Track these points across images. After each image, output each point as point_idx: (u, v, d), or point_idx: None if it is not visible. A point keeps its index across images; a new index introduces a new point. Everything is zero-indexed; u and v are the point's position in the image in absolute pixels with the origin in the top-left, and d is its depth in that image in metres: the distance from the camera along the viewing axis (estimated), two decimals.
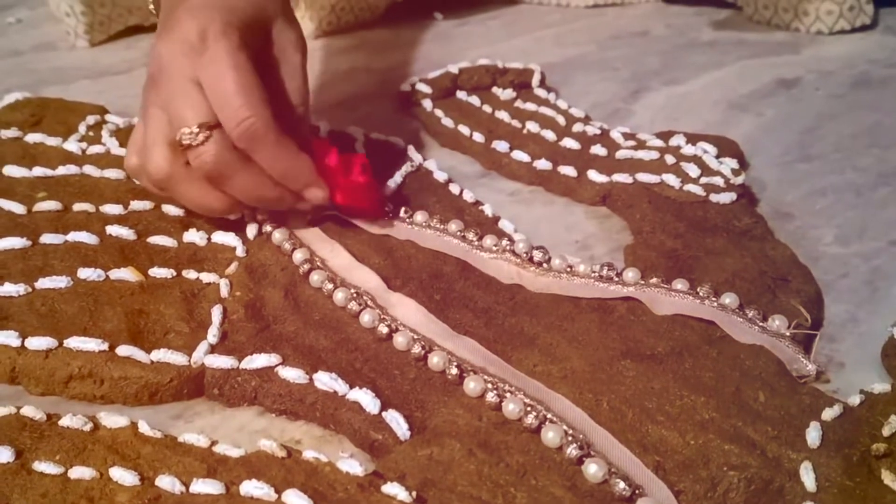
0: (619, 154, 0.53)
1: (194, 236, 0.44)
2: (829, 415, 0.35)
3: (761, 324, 0.40)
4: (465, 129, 0.57)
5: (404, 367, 0.38)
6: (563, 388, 0.36)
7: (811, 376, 0.38)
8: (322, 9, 0.73)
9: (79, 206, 0.46)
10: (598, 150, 0.54)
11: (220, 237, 0.45)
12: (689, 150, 0.53)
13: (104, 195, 0.47)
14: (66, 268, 0.41)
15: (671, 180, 0.50)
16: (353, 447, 0.35)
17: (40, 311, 0.39)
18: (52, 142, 0.52)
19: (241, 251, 0.44)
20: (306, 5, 0.73)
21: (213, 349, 0.38)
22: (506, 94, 0.61)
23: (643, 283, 0.42)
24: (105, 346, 0.37)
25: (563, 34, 0.76)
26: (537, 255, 0.44)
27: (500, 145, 0.55)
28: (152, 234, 0.44)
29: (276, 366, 0.37)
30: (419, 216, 0.46)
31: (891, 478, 0.32)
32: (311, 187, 0.43)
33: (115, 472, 0.31)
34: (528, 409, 0.35)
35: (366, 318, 0.40)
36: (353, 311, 0.40)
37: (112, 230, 0.44)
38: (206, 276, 0.42)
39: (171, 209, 0.46)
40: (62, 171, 0.49)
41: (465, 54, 0.67)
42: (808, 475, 0.32)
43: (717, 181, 0.50)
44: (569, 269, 0.43)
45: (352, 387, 0.36)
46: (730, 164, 0.52)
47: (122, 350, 0.37)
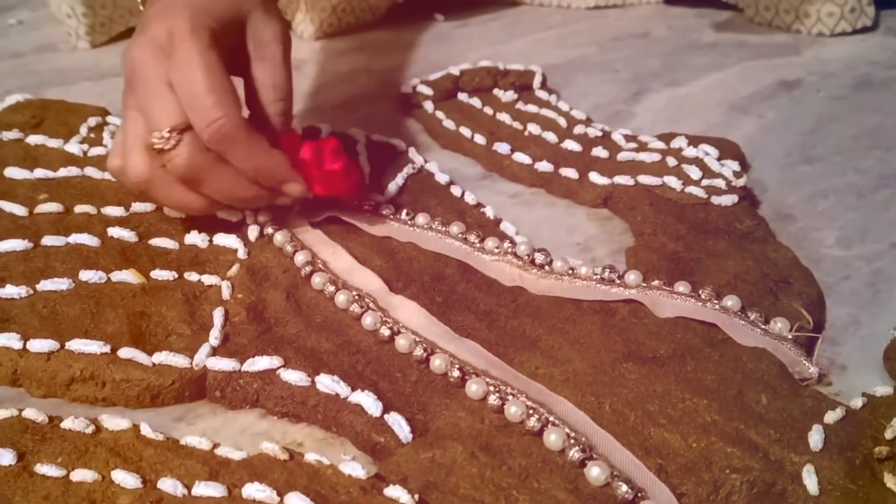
0: (621, 156, 0.53)
1: (196, 238, 0.44)
2: (831, 418, 0.35)
3: (763, 326, 0.40)
4: (466, 131, 0.57)
5: (406, 369, 0.38)
6: (566, 391, 0.36)
7: (813, 379, 0.38)
8: (323, 10, 0.73)
9: (80, 208, 0.46)
10: (599, 152, 0.54)
11: (222, 239, 0.45)
12: (690, 152, 0.53)
13: (105, 197, 0.47)
14: (67, 270, 0.41)
15: (673, 182, 0.50)
16: (355, 450, 0.35)
17: (42, 313, 0.39)
18: (54, 143, 0.52)
19: (242, 253, 0.44)
20: (307, 7, 0.73)
21: (214, 351, 0.38)
22: (507, 95, 0.61)
23: (645, 285, 0.42)
24: (107, 349, 0.37)
25: (564, 36, 0.76)
26: (539, 258, 0.44)
27: (502, 147, 0.55)
28: (154, 236, 0.44)
29: (278, 368, 0.37)
30: (421, 218, 0.46)
31: (893, 481, 0.32)
32: (288, 183, 0.43)
33: (117, 474, 0.31)
34: (531, 411, 0.35)
35: (367, 320, 0.40)
36: (354, 313, 0.40)
37: (113, 232, 0.44)
38: (208, 279, 0.42)
39: (173, 211, 0.46)
40: (63, 172, 0.49)
41: (466, 56, 0.67)
42: (810, 478, 0.32)
43: (719, 183, 0.50)
44: (570, 272, 0.43)
45: (354, 389, 0.36)
46: (731, 166, 0.52)
47: (124, 352, 0.37)
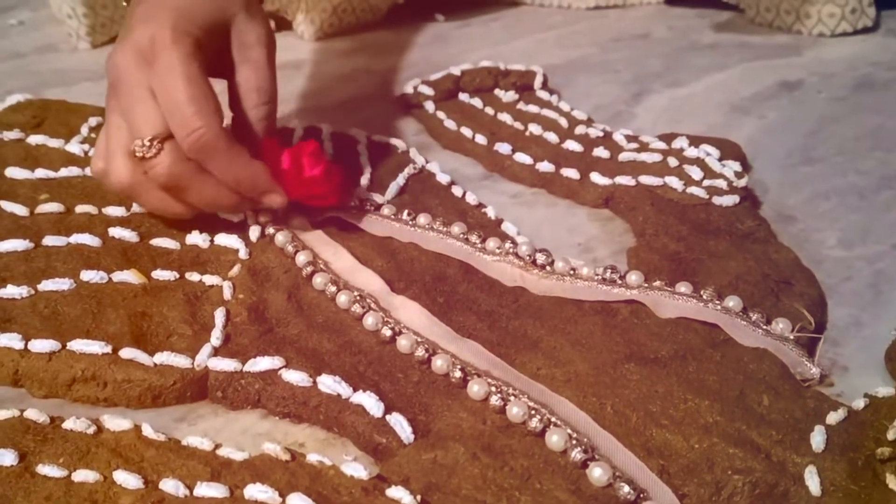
0: (622, 156, 0.53)
1: (197, 238, 0.44)
2: (833, 419, 0.35)
3: (765, 327, 0.40)
4: (467, 132, 0.57)
5: (408, 370, 0.38)
6: (567, 392, 0.36)
7: (815, 380, 0.38)
8: (323, 11, 0.73)
9: (81, 208, 0.46)
10: (600, 152, 0.54)
11: (223, 239, 0.44)
12: (691, 152, 0.53)
13: (106, 197, 0.47)
14: (68, 270, 0.41)
15: (674, 183, 0.50)
16: (356, 450, 0.35)
17: (43, 313, 0.39)
18: (55, 143, 0.52)
19: (243, 253, 0.44)
20: (308, 7, 0.73)
21: (216, 352, 0.38)
22: (508, 96, 0.61)
23: (646, 285, 0.42)
24: (108, 349, 0.37)
25: (565, 36, 0.76)
26: (540, 258, 0.44)
27: (503, 147, 0.55)
28: (155, 236, 0.44)
29: (280, 368, 0.37)
30: (422, 219, 0.46)
31: (895, 482, 0.32)
32: (268, 194, 0.43)
33: (119, 475, 0.31)
34: (533, 412, 0.35)
35: (369, 320, 0.40)
36: (356, 313, 0.40)
37: (115, 232, 0.44)
38: (209, 279, 0.42)
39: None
40: (64, 172, 0.49)
41: (466, 56, 0.67)
42: (812, 479, 0.32)
43: (720, 184, 0.50)
44: (572, 272, 0.43)
45: (355, 390, 0.36)
46: (732, 166, 0.52)
47: (126, 353, 0.37)
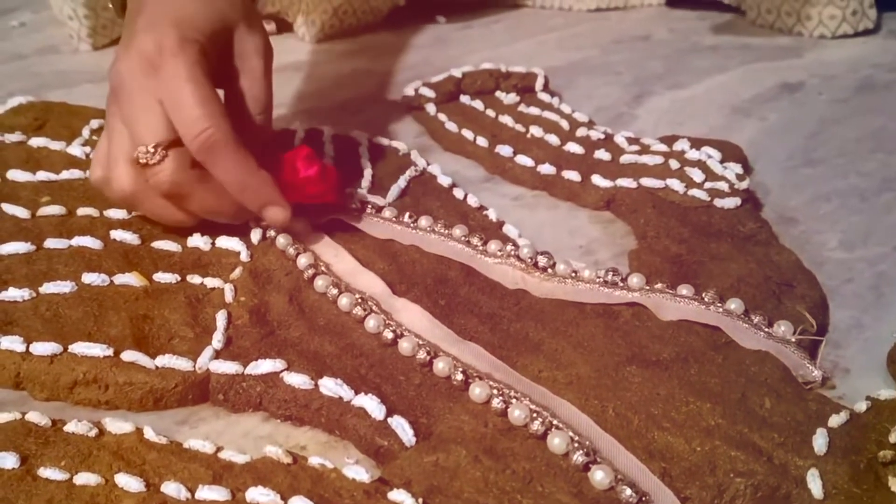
0: (623, 159, 0.53)
1: (198, 241, 0.44)
2: (835, 421, 0.35)
3: (766, 329, 0.40)
4: (468, 134, 0.57)
5: (409, 372, 0.38)
6: (569, 394, 0.36)
7: (817, 382, 0.38)
8: (324, 12, 0.73)
9: (83, 211, 0.46)
10: (601, 154, 0.54)
11: (225, 242, 0.44)
12: (693, 154, 0.53)
13: (108, 200, 0.47)
14: (70, 273, 0.41)
15: (675, 185, 0.50)
16: (358, 453, 0.35)
17: (45, 316, 0.39)
18: (56, 146, 0.52)
19: (245, 256, 0.44)
20: (309, 9, 0.73)
21: (217, 354, 0.38)
22: (509, 98, 0.61)
23: (648, 288, 0.42)
24: (110, 352, 0.37)
25: (566, 38, 0.77)
26: (542, 261, 0.44)
27: (504, 149, 0.55)
28: (156, 238, 0.44)
29: (281, 371, 0.37)
30: (423, 221, 0.46)
31: None
32: (271, 206, 0.42)
33: (121, 478, 0.31)
34: (534, 415, 0.35)
35: (371, 323, 0.40)
36: (357, 316, 0.40)
37: (116, 235, 0.44)
38: (211, 281, 0.42)
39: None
40: (66, 175, 0.49)
41: (467, 58, 0.67)
42: (814, 482, 0.32)
43: (722, 186, 0.50)
44: (573, 275, 0.43)
45: (357, 392, 0.36)
46: (734, 168, 0.52)
47: (127, 355, 0.37)
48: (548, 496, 0.32)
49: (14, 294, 0.40)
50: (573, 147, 0.55)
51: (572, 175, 0.52)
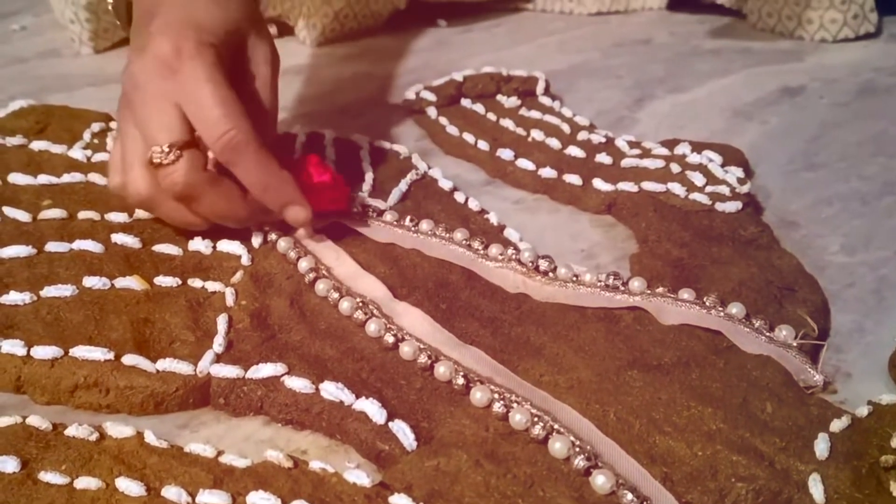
0: (625, 162, 0.53)
1: (199, 245, 0.44)
2: (837, 426, 0.35)
3: (768, 334, 0.40)
4: (469, 137, 0.57)
5: (411, 376, 0.38)
6: (570, 399, 0.36)
7: (818, 387, 0.38)
8: (325, 16, 0.73)
9: (84, 214, 0.46)
10: (603, 158, 0.54)
11: (226, 245, 0.44)
12: (694, 158, 0.53)
13: (109, 203, 0.47)
14: (71, 276, 0.41)
15: (676, 189, 0.50)
16: (359, 457, 0.35)
17: (46, 319, 0.39)
18: (57, 149, 0.52)
19: (246, 260, 0.44)
20: (310, 13, 0.73)
21: (218, 358, 0.38)
22: (510, 101, 0.61)
23: (649, 292, 0.42)
24: (111, 355, 0.37)
25: (567, 41, 0.77)
26: (543, 264, 0.44)
27: (505, 153, 0.55)
28: (157, 242, 0.44)
29: (282, 375, 0.37)
30: (425, 225, 0.46)
31: None
32: (292, 205, 0.43)
33: (122, 482, 0.31)
34: (535, 419, 0.35)
35: (372, 327, 0.39)
36: (359, 320, 0.40)
37: (117, 238, 0.44)
38: (212, 285, 0.42)
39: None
40: (67, 178, 0.49)
41: (469, 62, 0.67)
42: (816, 487, 0.32)
43: (723, 190, 0.50)
44: (574, 279, 0.43)
45: (358, 396, 0.36)
46: (735, 172, 0.52)
47: (128, 359, 0.37)
48: (549, 501, 0.32)
49: (15, 297, 0.40)
50: (574, 151, 0.55)
51: (573, 179, 0.52)
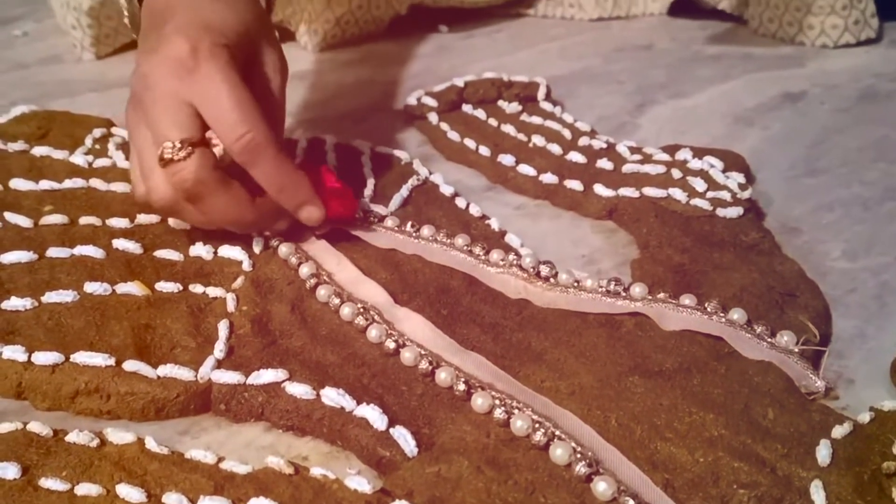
0: (626, 168, 0.53)
1: (201, 250, 0.44)
2: (839, 432, 0.35)
3: (769, 339, 0.40)
4: (470, 143, 0.57)
5: (412, 382, 0.38)
6: (572, 405, 0.36)
7: (820, 393, 0.38)
8: (327, 22, 0.73)
9: (85, 220, 0.46)
10: (604, 163, 0.54)
11: (227, 251, 0.44)
12: (695, 164, 0.53)
13: (110, 208, 0.47)
14: (72, 282, 0.41)
15: (678, 194, 0.50)
16: (360, 464, 0.35)
17: (47, 325, 0.39)
18: (59, 155, 0.52)
19: (247, 265, 0.44)
20: (311, 18, 0.73)
21: (219, 364, 0.38)
22: (511, 107, 0.61)
23: (650, 297, 0.42)
24: (112, 361, 0.37)
25: (568, 47, 0.77)
26: (544, 270, 0.44)
27: (506, 159, 0.55)
28: (159, 247, 0.44)
29: (283, 381, 0.37)
30: (426, 230, 0.46)
31: None
32: (307, 205, 0.43)
33: (122, 488, 0.31)
34: (537, 425, 0.35)
35: (373, 333, 0.39)
36: (360, 325, 0.40)
37: (118, 244, 0.44)
38: (213, 291, 0.42)
39: (178, 223, 0.46)
40: (69, 184, 0.49)
41: (470, 67, 0.68)
42: (818, 494, 0.32)
43: (724, 195, 0.50)
44: (576, 284, 0.43)
45: (359, 403, 0.36)
46: (736, 178, 0.52)
47: (129, 365, 0.37)
48: None
49: (16, 303, 0.40)
50: (575, 156, 0.55)
51: (575, 184, 0.52)
